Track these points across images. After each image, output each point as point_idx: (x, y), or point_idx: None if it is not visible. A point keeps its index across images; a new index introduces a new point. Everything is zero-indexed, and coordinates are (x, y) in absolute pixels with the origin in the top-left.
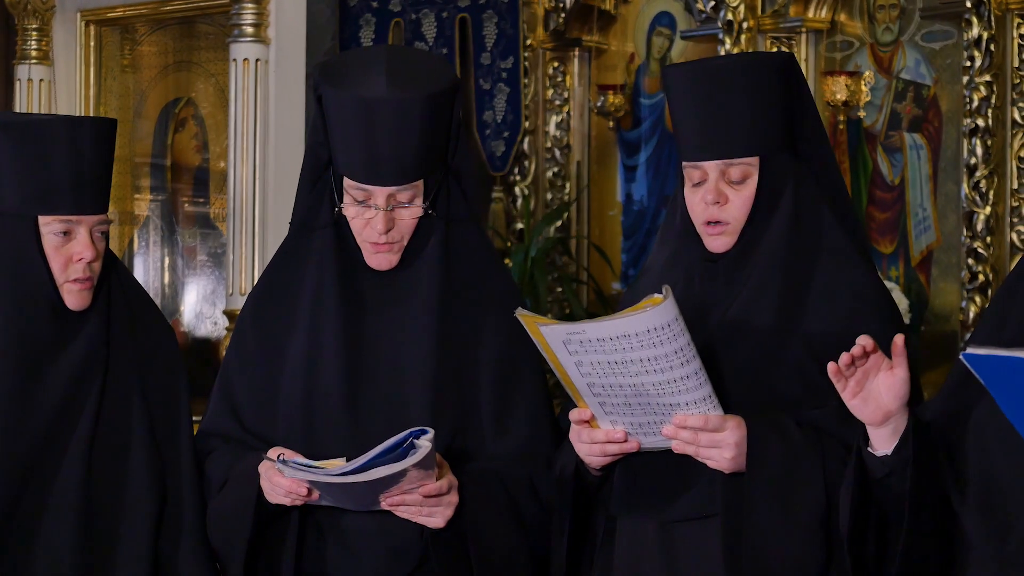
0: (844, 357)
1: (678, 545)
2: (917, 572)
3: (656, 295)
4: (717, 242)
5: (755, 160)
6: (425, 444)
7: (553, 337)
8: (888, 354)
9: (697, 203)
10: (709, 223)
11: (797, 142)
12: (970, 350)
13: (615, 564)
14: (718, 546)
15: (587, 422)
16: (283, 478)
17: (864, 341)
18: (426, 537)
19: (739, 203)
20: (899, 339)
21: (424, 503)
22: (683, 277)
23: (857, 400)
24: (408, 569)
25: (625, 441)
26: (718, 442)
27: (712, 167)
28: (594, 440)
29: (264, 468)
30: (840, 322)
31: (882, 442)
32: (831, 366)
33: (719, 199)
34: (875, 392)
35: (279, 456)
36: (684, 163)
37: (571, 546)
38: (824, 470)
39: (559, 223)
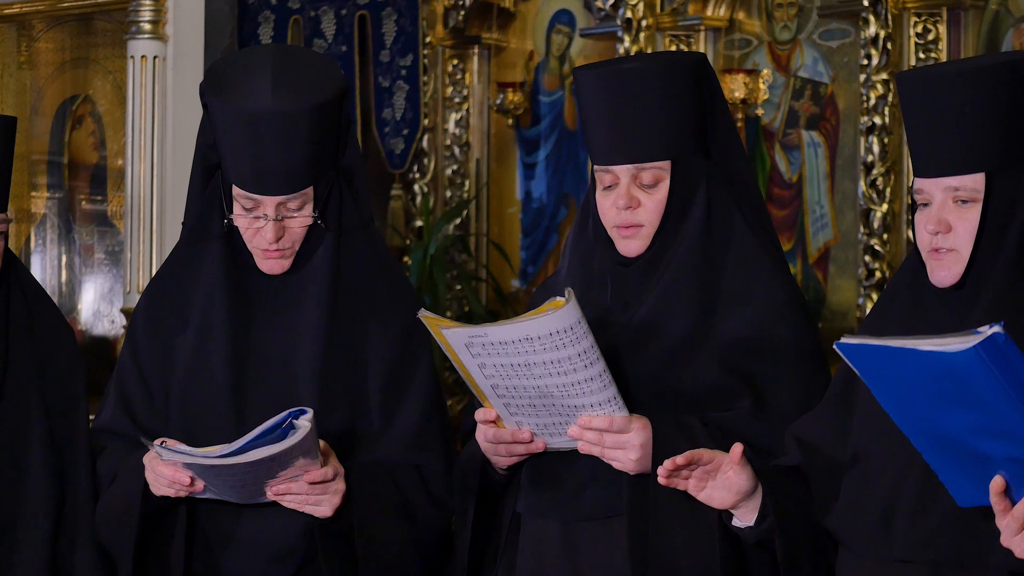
0: (662, 471)
1: (582, 544)
2: None
3: (559, 298)
4: (630, 245)
5: (667, 164)
6: (304, 424)
7: (455, 340)
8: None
9: (609, 208)
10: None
11: (709, 143)
12: (843, 340)
13: (519, 562)
14: (622, 545)
15: (492, 422)
16: (165, 466)
17: (669, 465)
18: (312, 533)
19: (651, 207)
20: (736, 451)
21: (311, 491)
22: (596, 280)
23: (704, 495)
24: (293, 568)
25: (531, 442)
26: (623, 443)
27: (623, 171)
28: (500, 440)
29: (148, 459)
30: (751, 323)
31: (743, 515)
32: (661, 477)
33: (631, 203)
34: (717, 488)
35: (161, 443)
36: (595, 167)
37: (475, 541)
38: None
39: (458, 221)
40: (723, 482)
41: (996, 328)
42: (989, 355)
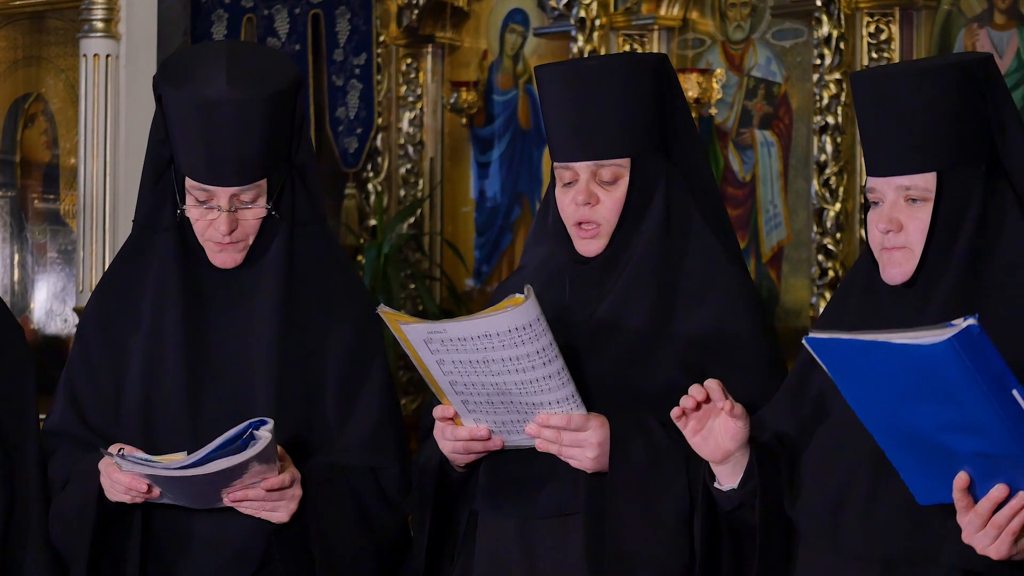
0: (686, 401)
1: (539, 542)
2: None
3: (518, 295)
4: (588, 246)
5: (626, 161)
6: (265, 435)
7: (414, 335)
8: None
9: (568, 204)
10: (580, 224)
11: (669, 143)
12: (812, 334)
13: (476, 559)
14: (579, 544)
15: (451, 419)
16: (122, 474)
17: (695, 393)
18: (268, 536)
19: (610, 204)
20: (726, 399)
21: (267, 498)
22: (555, 278)
23: (698, 438)
24: (250, 570)
25: (489, 439)
26: (580, 441)
27: (583, 168)
28: (458, 438)
29: (104, 465)
30: (709, 323)
31: (726, 477)
32: (675, 411)
33: (590, 200)
34: (716, 432)
35: (119, 451)
36: (555, 163)
37: (432, 542)
38: (688, 470)
39: (412, 220)
40: (725, 425)
41: (971, 321)
42: (964, 348)
